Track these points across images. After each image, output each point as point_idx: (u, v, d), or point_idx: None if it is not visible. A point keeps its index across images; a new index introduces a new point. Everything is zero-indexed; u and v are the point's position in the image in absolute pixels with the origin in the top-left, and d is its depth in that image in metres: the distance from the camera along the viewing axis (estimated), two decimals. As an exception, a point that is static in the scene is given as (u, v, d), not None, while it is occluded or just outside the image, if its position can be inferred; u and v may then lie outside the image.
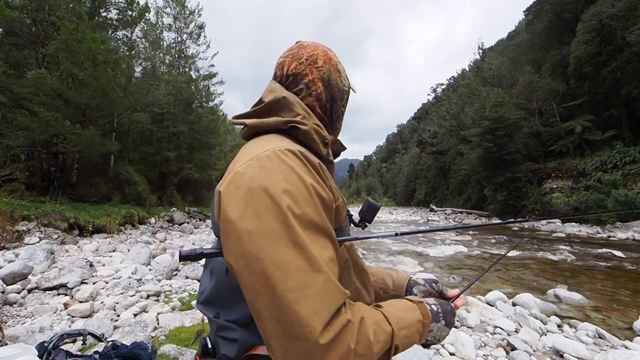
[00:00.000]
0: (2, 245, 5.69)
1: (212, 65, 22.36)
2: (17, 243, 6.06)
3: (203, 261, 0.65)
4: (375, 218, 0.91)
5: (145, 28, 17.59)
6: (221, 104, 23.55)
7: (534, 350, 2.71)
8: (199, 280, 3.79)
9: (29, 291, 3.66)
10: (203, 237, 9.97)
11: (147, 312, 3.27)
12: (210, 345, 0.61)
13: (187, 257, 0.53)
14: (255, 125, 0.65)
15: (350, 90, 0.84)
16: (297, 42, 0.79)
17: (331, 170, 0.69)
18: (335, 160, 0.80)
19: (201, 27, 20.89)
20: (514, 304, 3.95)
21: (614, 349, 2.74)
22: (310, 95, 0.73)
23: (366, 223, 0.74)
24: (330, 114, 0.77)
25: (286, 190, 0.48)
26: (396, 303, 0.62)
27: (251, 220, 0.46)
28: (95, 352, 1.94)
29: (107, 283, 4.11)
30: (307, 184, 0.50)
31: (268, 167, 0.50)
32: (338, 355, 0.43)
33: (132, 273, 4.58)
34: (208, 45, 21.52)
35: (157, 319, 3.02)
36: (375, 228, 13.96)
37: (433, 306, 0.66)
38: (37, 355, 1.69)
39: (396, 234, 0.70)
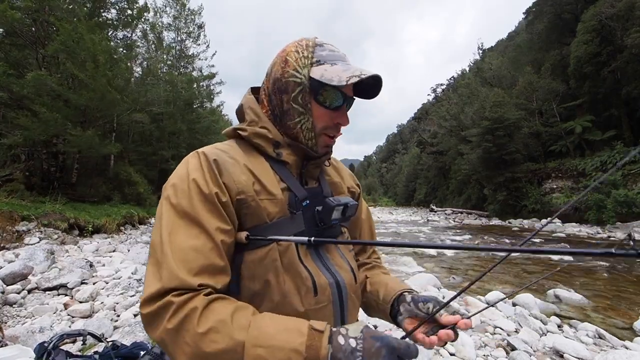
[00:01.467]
0: (2, 245, 5.69)
1: (212, 66, 22.44)
2: (17, 243, 6.06)
3: None
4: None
5: (146, 28, 17.60)
6: (222, 104, 23.62)
7: (534, 351, 2.71)
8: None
9: (29, 291, 3.66)
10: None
11: (147, 312, 3.26)
12: None
13: None
14: (224, 133, 0.73)
15: (317, 81, 0.63)
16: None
17: (284, 169, 0.66)
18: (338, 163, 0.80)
19: (200, 26, 20.90)
20: (514, 304, 3.94)
21: (614, 349, 2.74)
22: (264, 91, 0.72)
23: (322, 224, 0.65)
24: (273, 109, 0.69)
25: (173, 184, 0.58)
26: (285, 319, 0.51)
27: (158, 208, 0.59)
28: (95, 352, 1.93)
29: (107, 283, 4.11)
30: (189, 179, 0.57)
31: (178, 167, 0.61)
32: (158, 333, 0.48)
33: (132, 273, 4.58)
34: (208, 45, 21.56)
35: (157, 319, 3.01)
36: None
37: (351, 340, 0.47)
38: (37, 356, 1.69)
39: (309, 240, 0.57)
